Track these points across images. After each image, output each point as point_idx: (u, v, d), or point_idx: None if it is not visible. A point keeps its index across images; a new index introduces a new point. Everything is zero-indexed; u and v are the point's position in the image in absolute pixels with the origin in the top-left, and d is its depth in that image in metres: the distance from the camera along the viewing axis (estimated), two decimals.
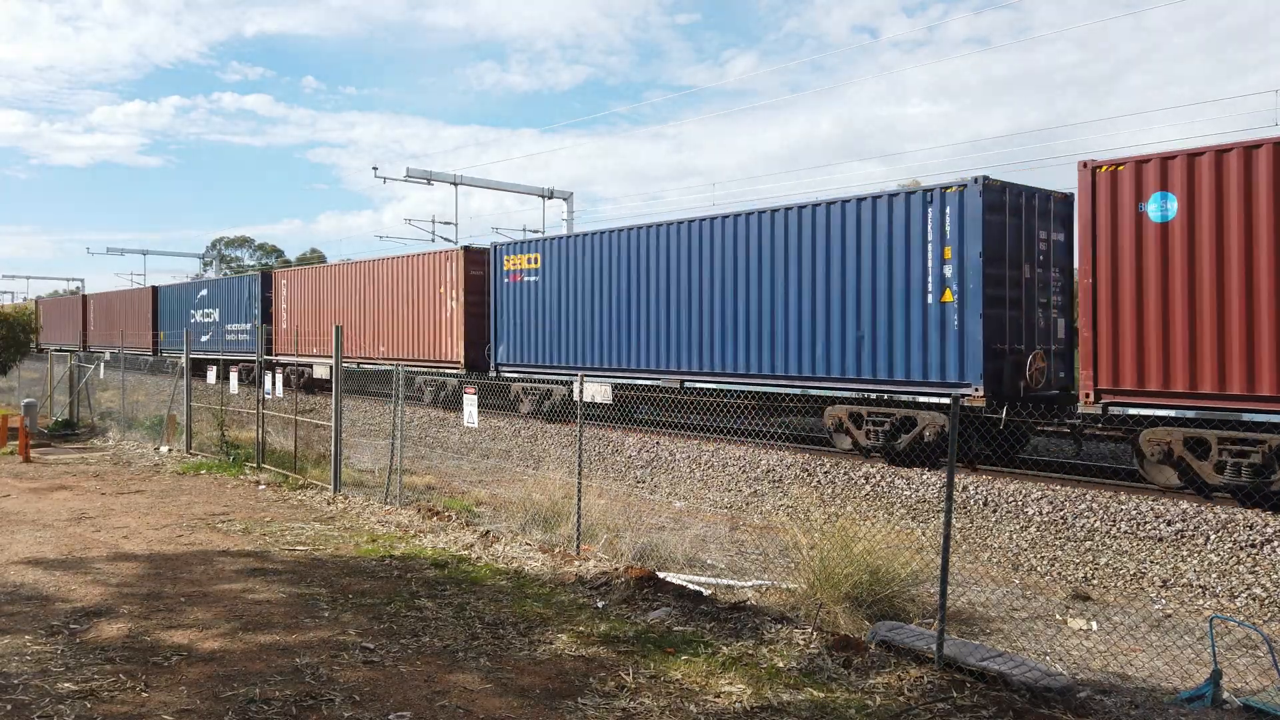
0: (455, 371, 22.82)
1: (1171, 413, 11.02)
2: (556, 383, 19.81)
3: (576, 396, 17.81)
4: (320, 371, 26.14)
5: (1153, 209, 11.01)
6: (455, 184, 36.46)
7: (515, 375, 21.08)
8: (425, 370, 23.94)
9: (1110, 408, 11.41)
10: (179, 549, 8.80)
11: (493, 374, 21.54)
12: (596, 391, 18.13)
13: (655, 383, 17.49)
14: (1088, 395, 11.55)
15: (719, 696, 5.16)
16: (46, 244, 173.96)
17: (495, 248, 21.82)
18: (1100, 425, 12.97)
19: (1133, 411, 11.31)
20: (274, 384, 14.90)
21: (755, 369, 15.69)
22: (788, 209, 15.30)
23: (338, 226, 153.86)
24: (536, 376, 20.44)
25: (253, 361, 26.67)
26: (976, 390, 12.74)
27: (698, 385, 16.90)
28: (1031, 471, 13.53)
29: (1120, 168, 11.24)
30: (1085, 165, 11.56)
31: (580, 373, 16.76)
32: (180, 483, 13.08)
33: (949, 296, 13.00)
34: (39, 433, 18.22)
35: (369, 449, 16.50)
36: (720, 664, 5.68)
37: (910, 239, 13.49)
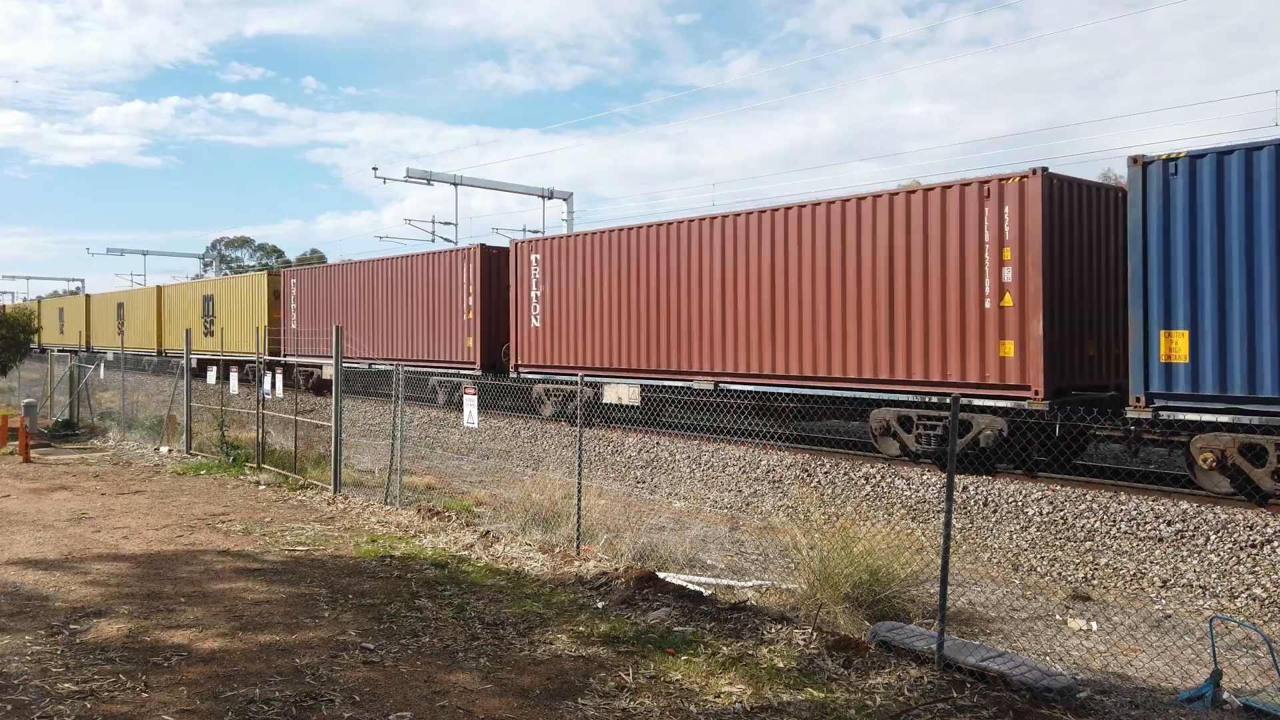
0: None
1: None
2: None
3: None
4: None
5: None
6: (455, 184, 36.50)
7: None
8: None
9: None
10: (179, 549, 8.80)
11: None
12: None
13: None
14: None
15: (719, 696, 5.16)
16: (46, 244, 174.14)
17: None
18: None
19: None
20: (274, 384, 14.89)
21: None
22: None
23: (338, 227, 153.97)
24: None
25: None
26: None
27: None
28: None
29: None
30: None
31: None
32: (180, 483, 13.08)
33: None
34: (39, 433, 18.22)
35: (369, 449, 16.50)
36: (720, 664, 5.68)
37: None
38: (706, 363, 16.60)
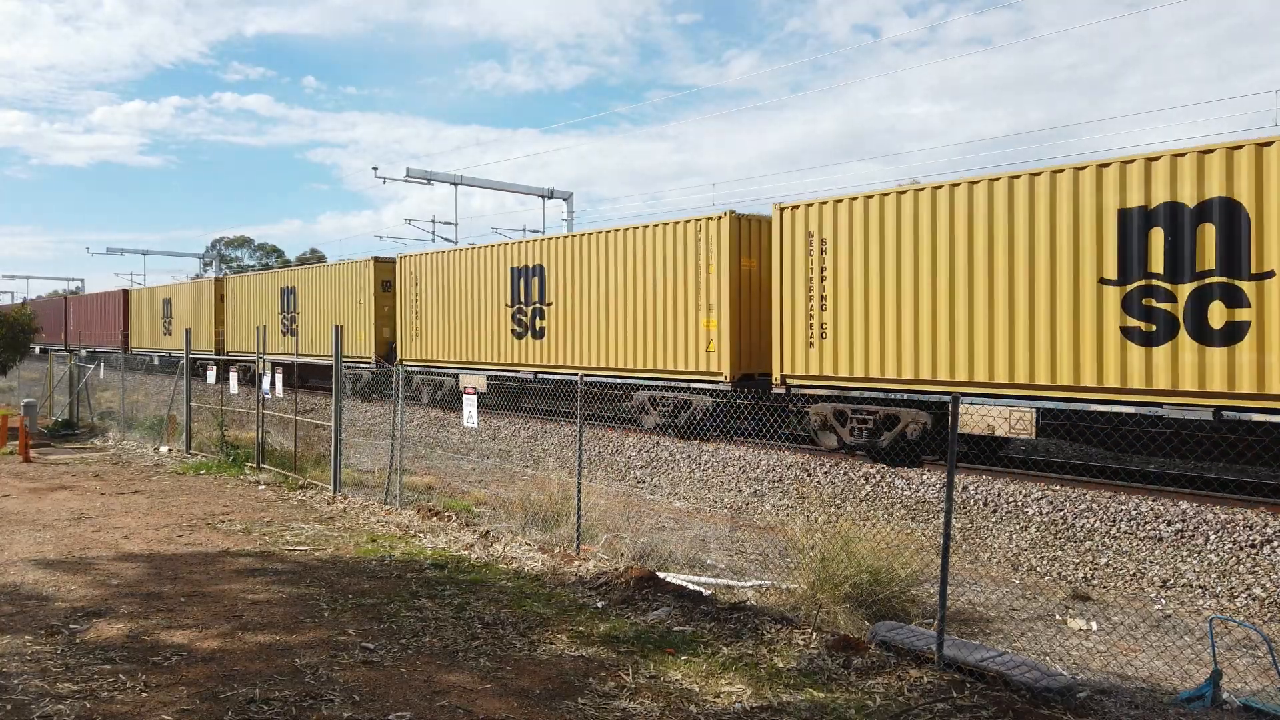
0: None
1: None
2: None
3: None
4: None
5: None
6: (455, 184, 36.50)
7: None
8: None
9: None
10: (179, 549, 8.80)
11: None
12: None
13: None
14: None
15: (719, 697, 5.16)
16: (46, 244, 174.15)
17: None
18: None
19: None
20: (273, 384, 14.89)
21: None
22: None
23: (338, 226, 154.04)
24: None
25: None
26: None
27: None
28: (1035, 473, 13.51)
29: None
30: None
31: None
32: (180, 483, 13.08)
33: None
34: (39, 433, 18.23)
35: (369, 449, 16.50)
36: (720, 664, 5.68)
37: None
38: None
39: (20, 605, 6.87)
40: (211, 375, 23.13)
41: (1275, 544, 9.58)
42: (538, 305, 20.45)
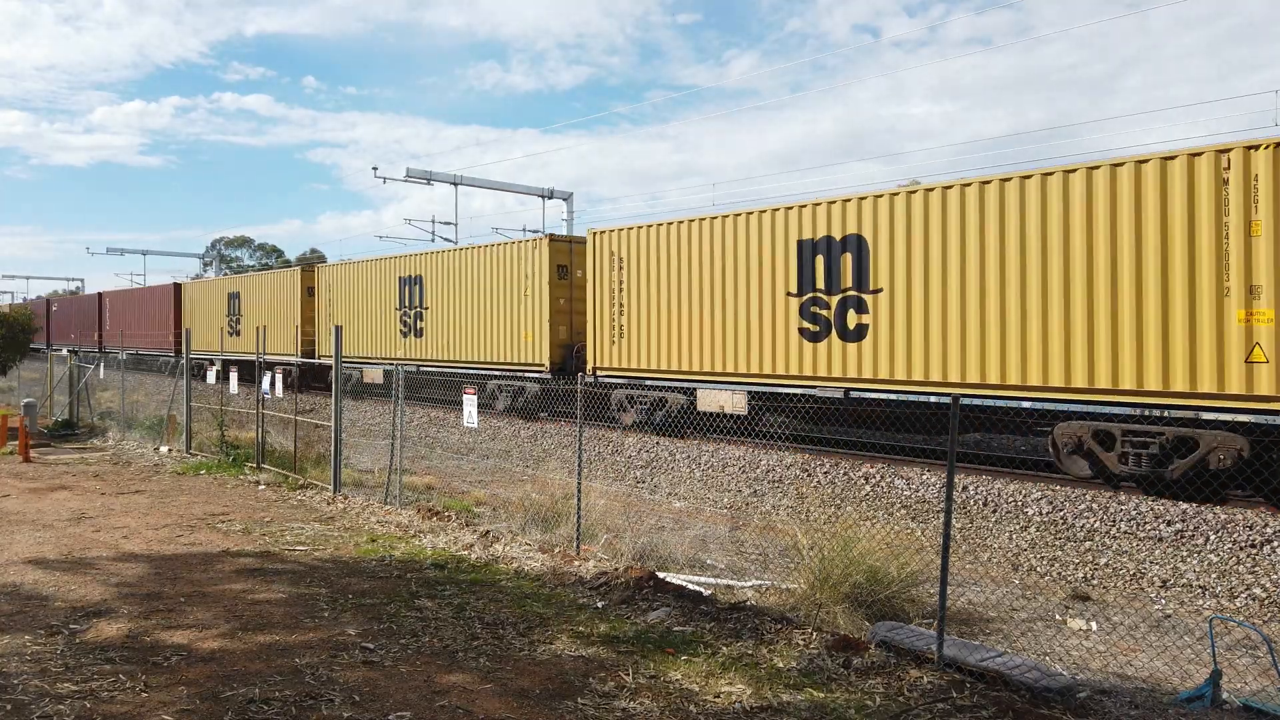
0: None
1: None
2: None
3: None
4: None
5: None
6: (455, 184, 36.51)
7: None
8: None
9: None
10: (179, 549, 8.79)
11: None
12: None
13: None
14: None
15: (719, 697, 5.16)
16: (46, 244, 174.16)
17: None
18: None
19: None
20: (273, 384, 14.89)
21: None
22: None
23: (338, 226, 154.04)
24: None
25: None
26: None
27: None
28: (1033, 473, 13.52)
29: None
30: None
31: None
32: (180, 483, 13.08)
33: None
34: (39, 433, 18.22)
35: (369, 449, 16.50)
36: (720, 664, 5.68)
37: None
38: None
39: (20, 605, 6.87)
40: (211, 375, 23.11)
41: (1275, 544, 9.58)
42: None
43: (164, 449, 16.48)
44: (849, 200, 14.63)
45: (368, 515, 10.67)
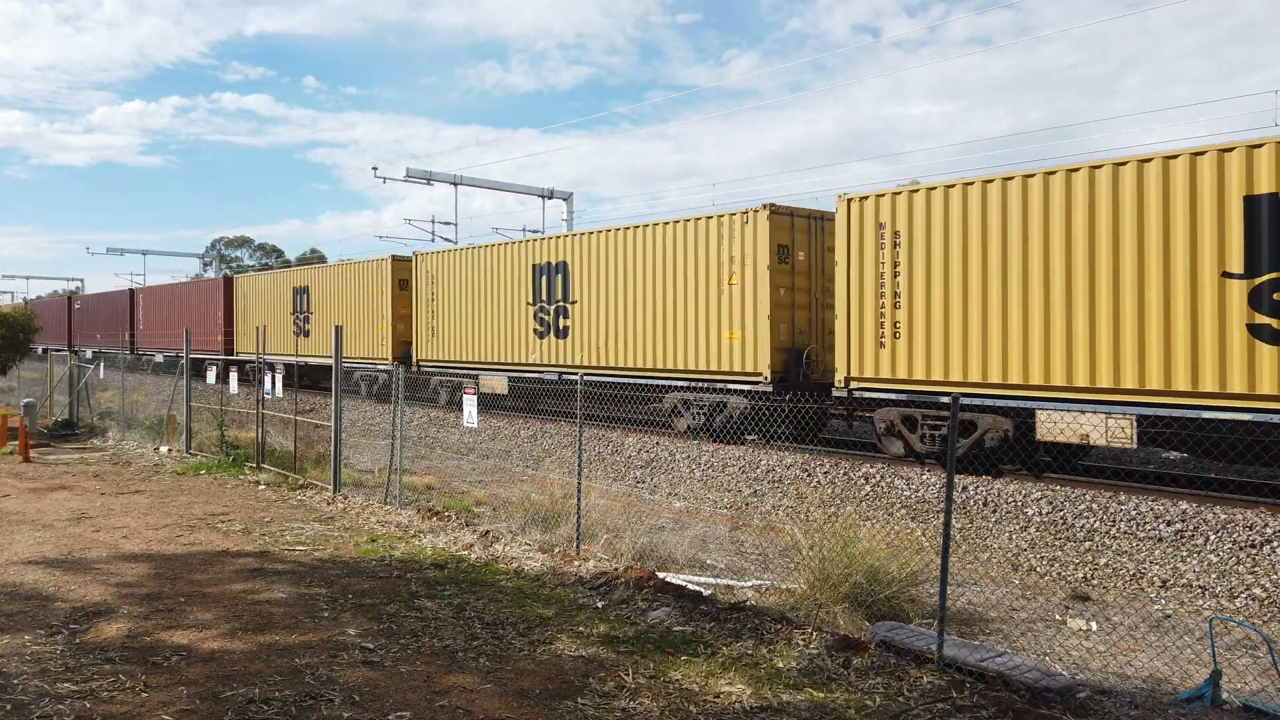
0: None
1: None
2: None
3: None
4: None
5: None
6: (455, 184, 36.50)
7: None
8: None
9: None
10: (179, 549, 8.79)
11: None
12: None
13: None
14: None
15: (719, 697, 5.16)
16: (46, 244, 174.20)
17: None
18: None
19: None
20: (273, 384, 14.88)
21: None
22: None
23: (338, 226, 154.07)
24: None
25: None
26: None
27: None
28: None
29: None
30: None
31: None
32: (180, 483, 13.08)
33: None
34: (39, 433, 18.22)
35: (369, 449, 16.50)
36: (720, 664, 5.68)
37: None
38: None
39: (20, 605, 6.86)
40: (211, 375, 23.08)
41: (1275, 544, 9.58)
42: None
43: (164, 449, 16.47)
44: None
45: (368, 515, 10.67)
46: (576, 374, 20.43)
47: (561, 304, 19.83)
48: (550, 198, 37.60)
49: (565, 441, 17.61)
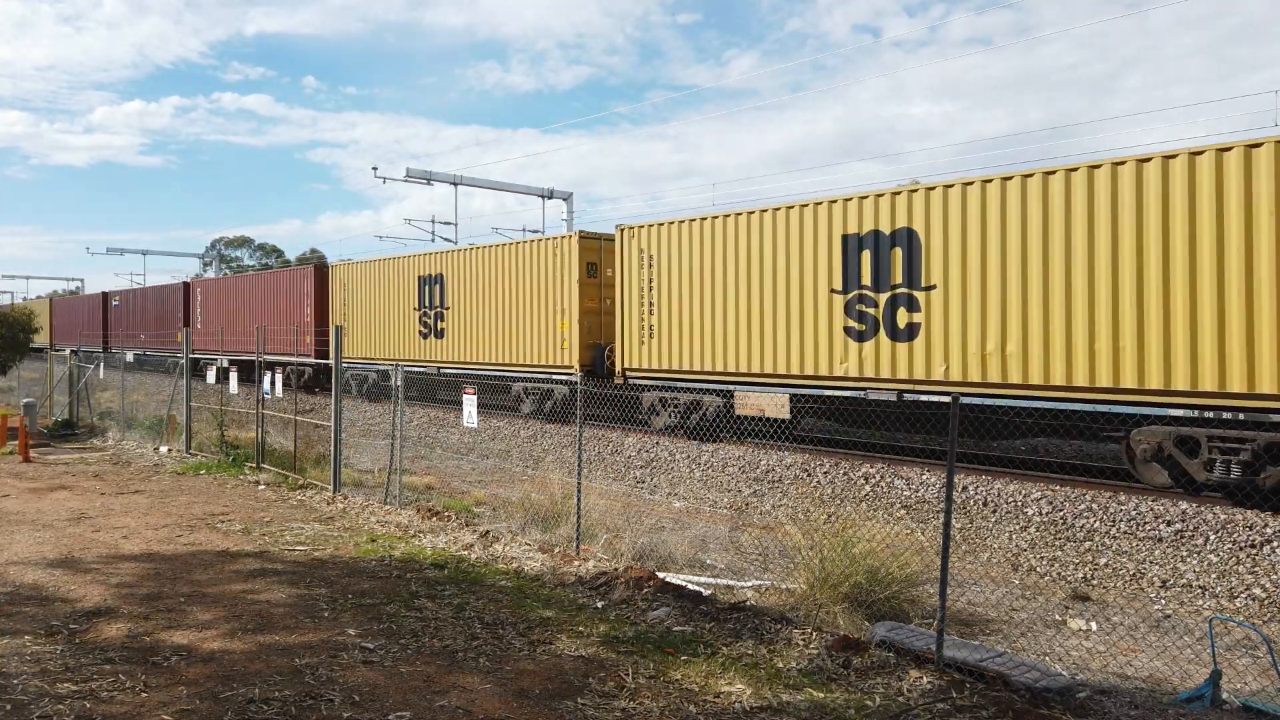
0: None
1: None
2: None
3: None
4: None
5: None
6: (455, 184, 36.49)
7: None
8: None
9: None
10: (178, 549, 8.79)
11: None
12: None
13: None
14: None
15: (719, 697, 5.16)
16: (46, 244, 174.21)
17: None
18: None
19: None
20: (273, 384, 14.89)
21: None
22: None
23: (338, 226, 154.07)
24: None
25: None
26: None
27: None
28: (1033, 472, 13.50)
29: None
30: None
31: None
32: (180, 483, 13.08)
33: None
34: (39, 433, 18.22)
35: (369, 449, 16.50)
36: (720, 664, 5.68)
37: None
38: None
39: (20, 605, 6.86)
40: (212, 375, 23.08)
41: (1275, 544, 9.58)
42: (438, 309, 24.16)
43: (164, 449, 16.47)
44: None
45: (368, 515, 10.67)
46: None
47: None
48: (550, 198, 37.60)
49: (565, 441, 17.62)
